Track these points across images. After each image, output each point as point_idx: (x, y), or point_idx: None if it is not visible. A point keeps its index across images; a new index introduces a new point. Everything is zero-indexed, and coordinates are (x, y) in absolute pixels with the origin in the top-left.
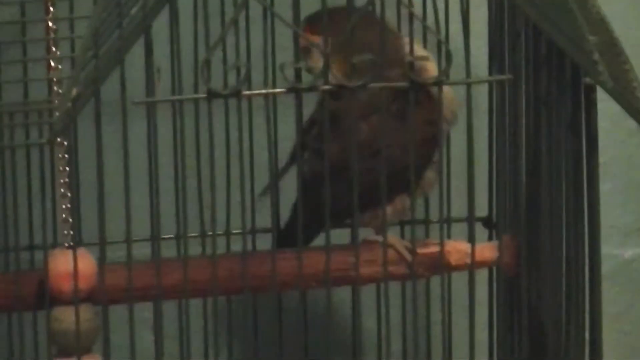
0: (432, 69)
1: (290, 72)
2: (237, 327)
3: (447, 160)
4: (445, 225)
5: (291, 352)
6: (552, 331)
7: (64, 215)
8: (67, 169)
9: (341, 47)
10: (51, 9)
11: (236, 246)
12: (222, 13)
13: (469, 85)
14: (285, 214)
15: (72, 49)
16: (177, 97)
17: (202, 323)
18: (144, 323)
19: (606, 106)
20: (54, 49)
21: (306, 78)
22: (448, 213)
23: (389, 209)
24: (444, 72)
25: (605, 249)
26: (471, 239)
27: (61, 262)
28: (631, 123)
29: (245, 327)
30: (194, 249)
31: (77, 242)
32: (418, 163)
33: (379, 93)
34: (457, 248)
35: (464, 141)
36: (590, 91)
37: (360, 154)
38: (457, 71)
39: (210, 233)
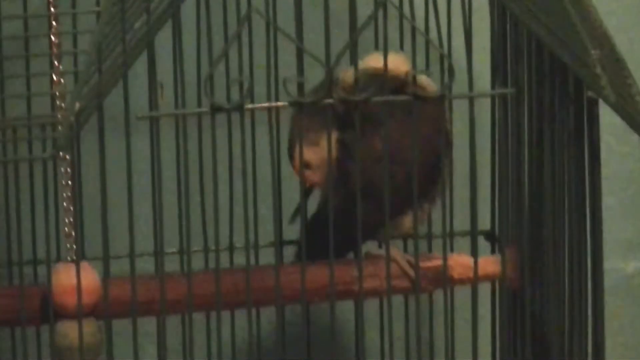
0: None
1: (292, 86)
2: (240, 341)
3: (449, 174)
4: (448, 239)
5: None
6: (555, 344)
7: (67, 230)
8: (70, 183)
9: None
10: (54, 23)
11: (239, 260)
12: (225, 27)
13: (471, 99)
14: (287, 228)
15: (75, 64)
16: (180, 111)
17: (205, 337)
18: (147, 337)
19: (609, 120)
20: (57, 63)
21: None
22: (451, 227)
23: (407, 220)
24: (446, 86)
25: (608, 263)
26: (474, 253)
27: (65, 277)
28: (634, 137)
29: (249, 341)
30: (198, 263)
31: (80, 257)
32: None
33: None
34: (460, 262)
35: (467, 155)
36: (593, 105)
37: (378, 166)
38: (459, 85)
39: (214, 248)
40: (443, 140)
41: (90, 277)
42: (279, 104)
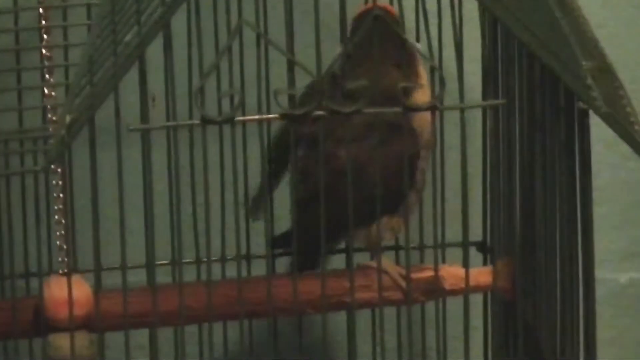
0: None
1: (283, 99)
2: (233, 353)
3: (441, 185)
4: (439, 250)
5: None
6: (547, 355)
7: (58, 243)
8: (62, 195)
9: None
10: (45, 36)
11: (231, 272)
12: (216, 40)
13: (462, 110)
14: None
15: (67, 77)
16: (171, 123)
17: (197, 349)
18: (140, 349)
19: (600, 130)
20: (48, 76)
21: None
22: (442, 238)
23: (373, 229)
24: (437, 98)
25: (601, 274)
26: (466, 264)
27: (57, 289)
28: (625, 147)
29: (241, 353)
30: (189, 275)
31: (72, 269)
32: (398, 187)
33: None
34: (451, 273)
35: (458, 165)
36: (584, 116)
37: (339, 179)
38: (450, 94)
39: (205, 259)
40: (412, 156)
41: (83, 289)
42: (270, 116)
